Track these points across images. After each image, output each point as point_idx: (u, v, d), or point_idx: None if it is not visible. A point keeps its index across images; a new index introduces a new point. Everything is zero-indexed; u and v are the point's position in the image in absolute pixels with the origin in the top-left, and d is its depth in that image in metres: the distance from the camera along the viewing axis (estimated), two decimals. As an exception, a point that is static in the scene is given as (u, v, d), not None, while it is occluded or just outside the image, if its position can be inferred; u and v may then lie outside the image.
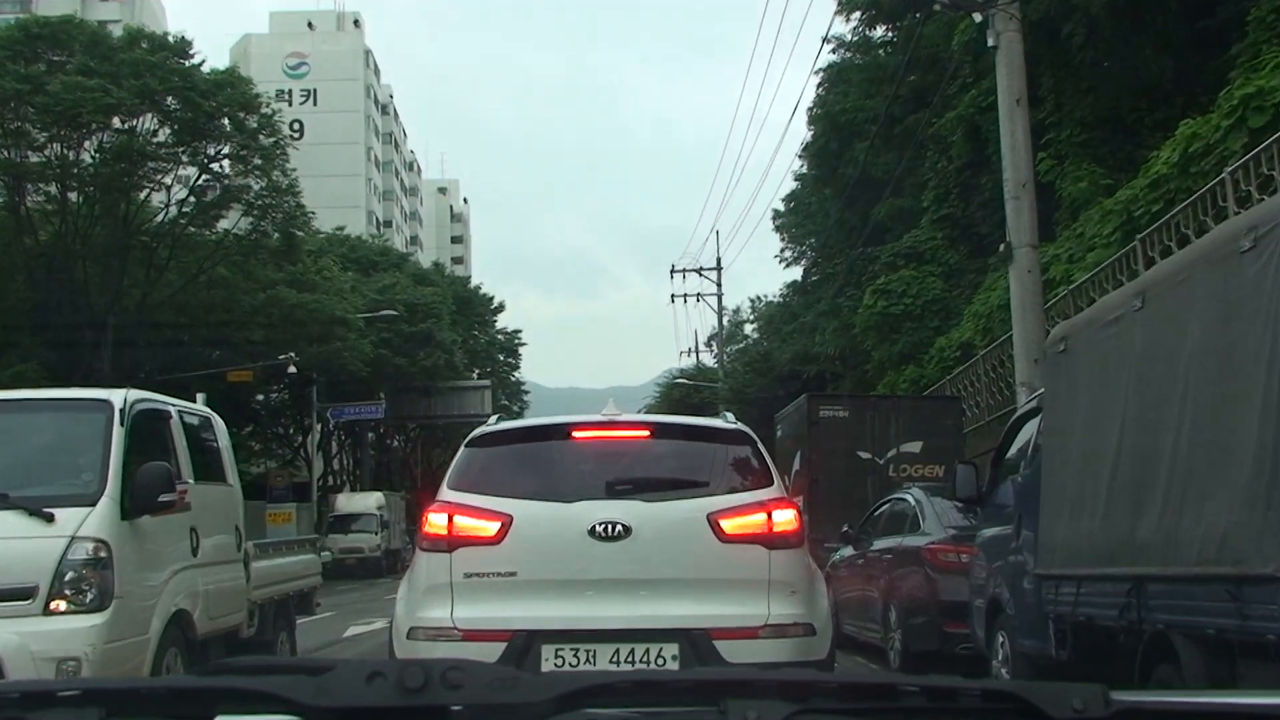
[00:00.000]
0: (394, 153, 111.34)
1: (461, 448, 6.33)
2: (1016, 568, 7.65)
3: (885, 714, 1.51)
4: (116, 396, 7.19)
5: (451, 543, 5.76)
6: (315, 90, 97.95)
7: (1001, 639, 7.95)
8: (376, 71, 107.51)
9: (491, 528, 5.72)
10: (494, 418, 6.87)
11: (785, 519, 5.86)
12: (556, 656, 5.48)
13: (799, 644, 5.64)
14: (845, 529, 12.68)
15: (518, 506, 5.78)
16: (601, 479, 6.01)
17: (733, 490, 5.98)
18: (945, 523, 10.39)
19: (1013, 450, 8.31)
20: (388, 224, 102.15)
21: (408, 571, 6.35)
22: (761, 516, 5.80)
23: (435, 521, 5.87)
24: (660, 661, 5.48)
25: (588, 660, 5.48)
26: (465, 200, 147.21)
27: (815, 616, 5.81)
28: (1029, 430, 7.92)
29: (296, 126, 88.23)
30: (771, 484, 6.03)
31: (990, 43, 13.66)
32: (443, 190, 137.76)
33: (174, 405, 8.05)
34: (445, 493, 6.01)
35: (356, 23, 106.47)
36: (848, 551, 12.66)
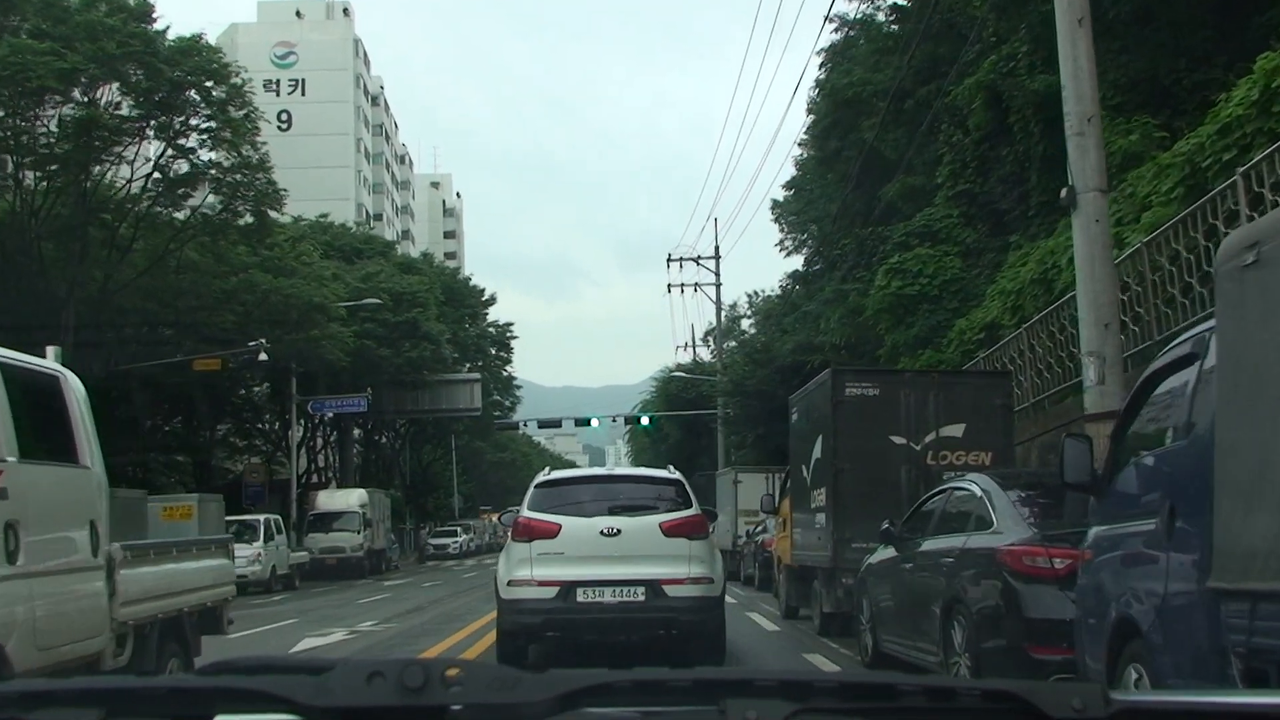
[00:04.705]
0: (384, 145, 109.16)
1: (531, 487, 11.18)
2: (1165, 578, 5.43)
3: (885, 714, 1.49)
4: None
5: (530, 538, 10.46)
6: (304, 80, 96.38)
7: (1136, 674, 5.73)
8: (366, 62, 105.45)
9: (551, 530, 10.45)
10: (547, 469, 11.99)
11: (696, 525, 10.73)
12: (583, 593, 10.17)
13: (706, 587, 10.43)
14: (886, 526, 10.47)
15: (564, 519, 10.55)
16: (606, 505, 10.82)
17: (670, 510, 10.80)
18: (1024, 517, 8.18)
19: (1145, 417, 6.10)
20: (378, 217, 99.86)
21: (504, 549, 11.10)
22: (685, 524, 10.63)
23: (523, 526, 10.59)
24: (635, 594, 10.20)
25: (599, 595, 10.18)
26: (458, 195, 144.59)
27: (714, 574, 10.64)
28: (1174, 388, 5.71)
29: (284, 117, 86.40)
30: (691, 506, 10.89)
31: (1049, -49, 11.56)
32: (435, 184, 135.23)
33: (-8, 355, 5.84)
34: (525, 512, 10.71)
35: (346, 11, 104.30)
36: (888, 553, 10.46)
